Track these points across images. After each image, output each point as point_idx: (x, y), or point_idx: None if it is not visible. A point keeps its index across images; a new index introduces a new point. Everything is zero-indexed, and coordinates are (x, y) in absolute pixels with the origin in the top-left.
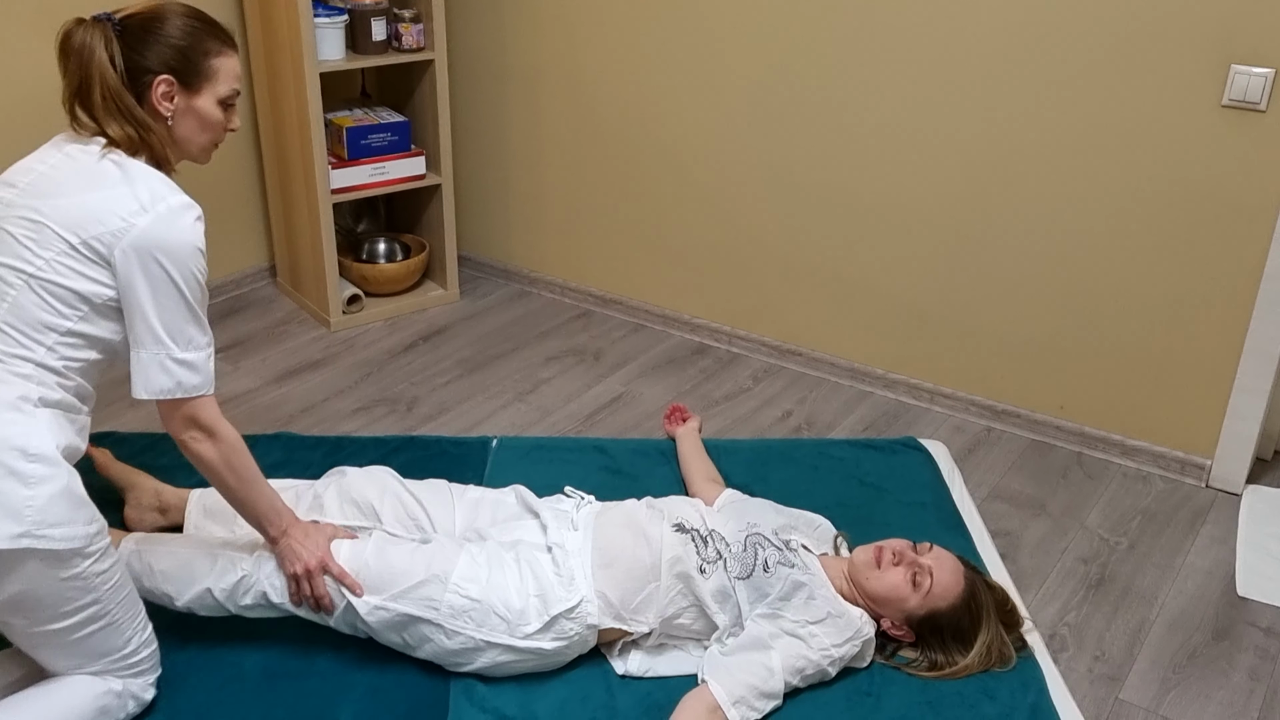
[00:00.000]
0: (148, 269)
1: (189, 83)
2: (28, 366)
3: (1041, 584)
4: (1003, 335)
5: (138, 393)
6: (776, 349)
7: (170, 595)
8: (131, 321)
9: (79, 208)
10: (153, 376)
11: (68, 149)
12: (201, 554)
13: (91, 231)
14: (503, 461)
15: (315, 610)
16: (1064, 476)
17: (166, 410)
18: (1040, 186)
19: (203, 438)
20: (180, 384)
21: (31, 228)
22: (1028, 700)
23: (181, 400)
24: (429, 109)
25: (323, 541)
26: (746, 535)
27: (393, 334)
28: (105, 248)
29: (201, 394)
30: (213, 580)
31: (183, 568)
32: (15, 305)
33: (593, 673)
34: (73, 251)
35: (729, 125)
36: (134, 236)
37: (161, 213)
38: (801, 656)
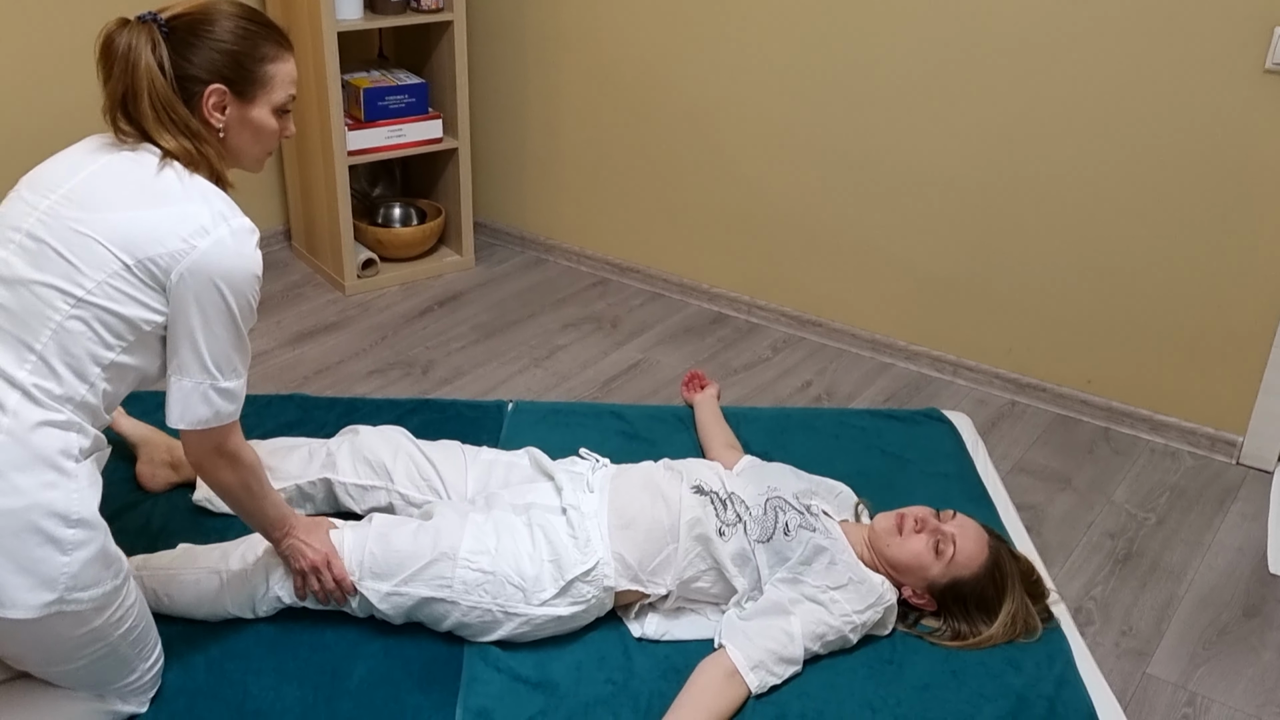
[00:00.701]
0: (204, 296)
1: (243, 91)
2: (68, 409)
3: (1067, 558)
4: (1029, 307)
5: (174, 422)
6: (796, 319)
7: (184, 614)
8: (176, 347)
9: (134, 224)
10: (193, 406)
11: (113, 157)
12: (206, 575)
13: (149, 252)
14: (518, 425)
15: (325, 603)
16: (1090, 451)
17: (195, 439)
18: (1071, 153)
19: (225, 465)
20: (218, 413)
21: (79, 243)
22: (1054, 672)
23: (212, 437)
24: (447, 71)
25: (325, 538)
26: (767, 499)
27: (408, 299)
28: (162, 271)
29: (234, 420)
30: (228, 600)
31: (189, 592)
32: (61, 334)
33: (609, 635)
34: (126, 273)
35: (750, 90)
36: (194, 260)
37: (224, 236)
38: (822, 622)
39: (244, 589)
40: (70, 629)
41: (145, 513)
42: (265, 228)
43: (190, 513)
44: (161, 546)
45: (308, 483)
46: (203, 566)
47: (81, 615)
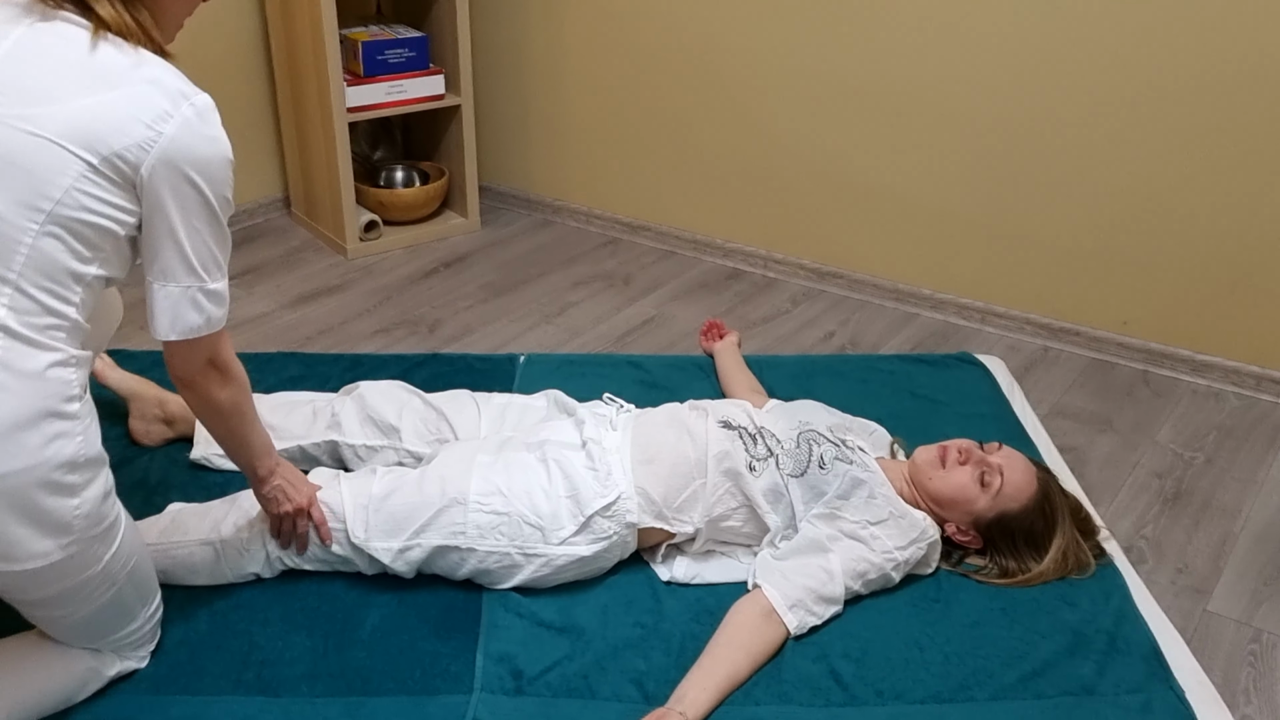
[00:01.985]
0: (181, 189)
1: None
2: (59, 337)
3: (1114, 498)
4: (1059, 248)
5: (164, 333)
6: (815, 271)
7: (181, 584)
8: (156, 250)
9: (90, 115)
10: (184, 314)
11: (26, 30)
12: (199, 548)
13: (113, 145)
14: (531, 377)
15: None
16: (1129, 394)
17: (184, 351)
18: (1099, 82)
19: (217, 380)
20: (210, 319)
21: (32, 146)
22: (1111, 607)
23: (203, 347)
24: (447, 24)
25: (308, 486)
26: (799, 432)
27: (412, 261)
28: (130, 166)
29: (222, 326)
30: (227, 569)
31: (182, 566)
32: (36, 255)
33: (636, 578)
34: (93, 174)
35: (761, 34)
36: (163, 148)
37: (190, 116)
38: (862, 559)
39: (242, 557)
40: (81, 569)
41: (142, 468)
42: (262, 196)
43: (187, 469)
44: (160, 502)
45: (312, 444)
46: (195, 539)
47: (94, 553)
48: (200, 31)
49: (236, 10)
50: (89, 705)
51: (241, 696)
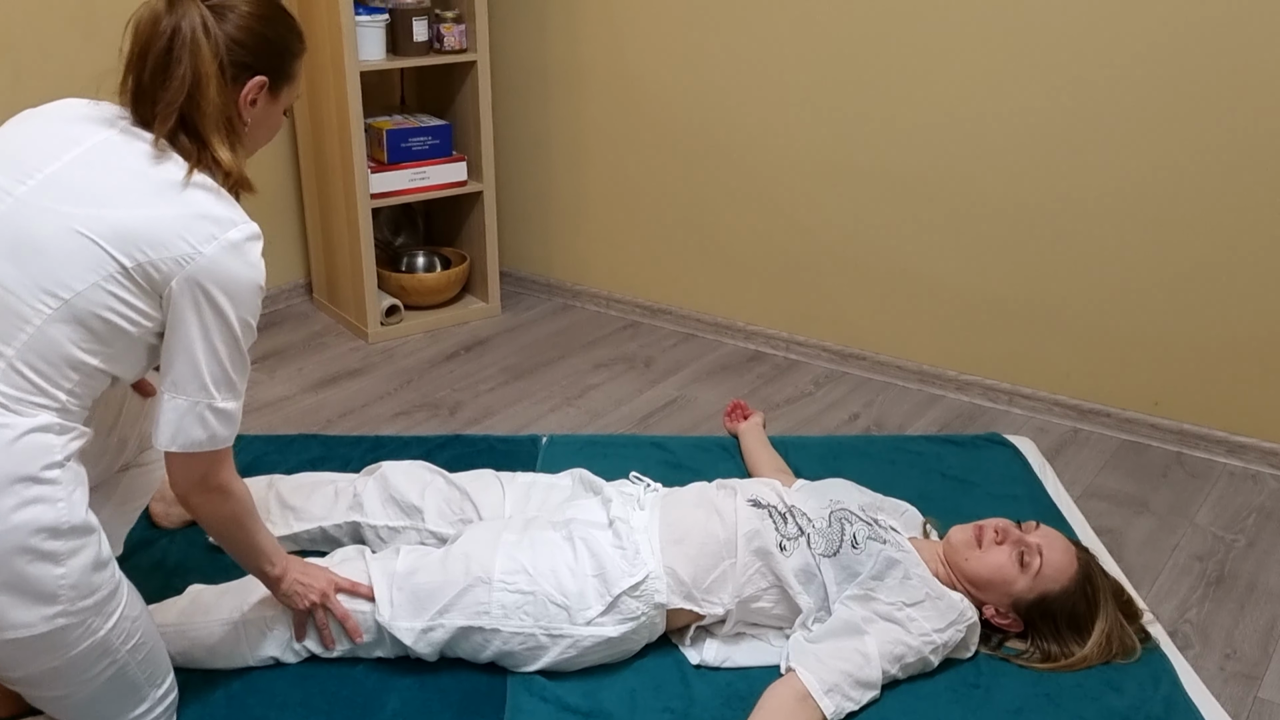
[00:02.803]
0: (202, 306)
1: (276, 86)
2: (48, 416)
3: (1155, 581)
4: (1086, 328)
5: (164, 444)
6: (838, 354)
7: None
8: (171, 361)
9: (137, 224)
10: (188, 428)
11: (103, 137)
12: (220, 627)
13: (150, 255)
14: (554, 457)
15: (330, 646)
16: (1164, 475)
17: (183, 464)
18: (1123, 161)
19: (216, 498)
20: (214, 436)
21: (72, 242)
22: (1160, 694)
23: (203, 465)
24: (470, 113)
25: (322, 574)
26: (831, 511)
27: (433, 344)
28: (162, 276)
29: (227, 446)
30: (248, 652)
31: (202, 647)
32: (39, 338)
33: (664, 661)
34: (123, 276)
35: (780, 119)
36: (197, 266)
37: (233, 241)
38: (900, 642)
39: (263, 638)
40: (76, 642)
41: (161, 550)
42: (285, 281)
43: (206, 550)
44: (178, 584)
45: (333, 525)
46: (216, 619)
47: (87, 626)
48: None
49: None
50: None
51: None
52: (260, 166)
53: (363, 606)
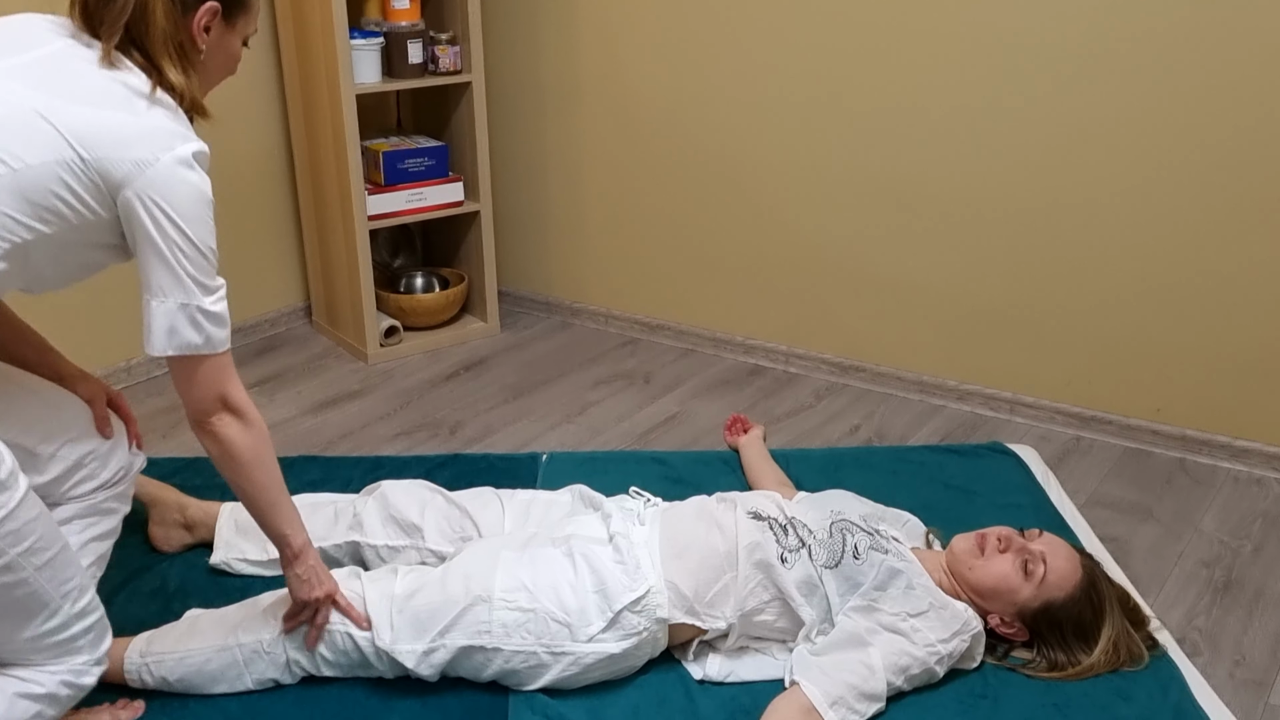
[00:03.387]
0: (161, 218)
1: (231, 15)
2: None
3: (1161, 588)
4: (1086, 336)
5: (160, 348)
6: (837, 365)
7: (199, 693)
8: (147, 270)
9: (99, 124)
10: (180, 329)
11: (71, 44)
12: (217, 653)
13: (106, 155)
14: (554, 475)
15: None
16: (1168, 482)
17: (195, 384)
18: (1122, 169)
19: (233, 421)
20: (210, 339)
21: (34, 123)
22: (1169, 701)
23: (210, 376)
24: (466, 134)
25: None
26: (832, 522)
27: (432, 365)
28: (110, 183)
29: (225, 350)
30: (248, 676)
31: (202, 673)
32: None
33: (667, 676)
34: (78, 165)
35: (775, 132)
36: (153, 176)
37: (185, 156)
38: (904, 653)
39: (261, 661)
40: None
41: (160, 574)
42: (285, 304)
43: (207, 574)
44: (178, 608)
45: (333, 545)
46: (213, 644)
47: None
48: (225, 143)
49: (261, 123)
50: None
51: None
52: (257, 189)
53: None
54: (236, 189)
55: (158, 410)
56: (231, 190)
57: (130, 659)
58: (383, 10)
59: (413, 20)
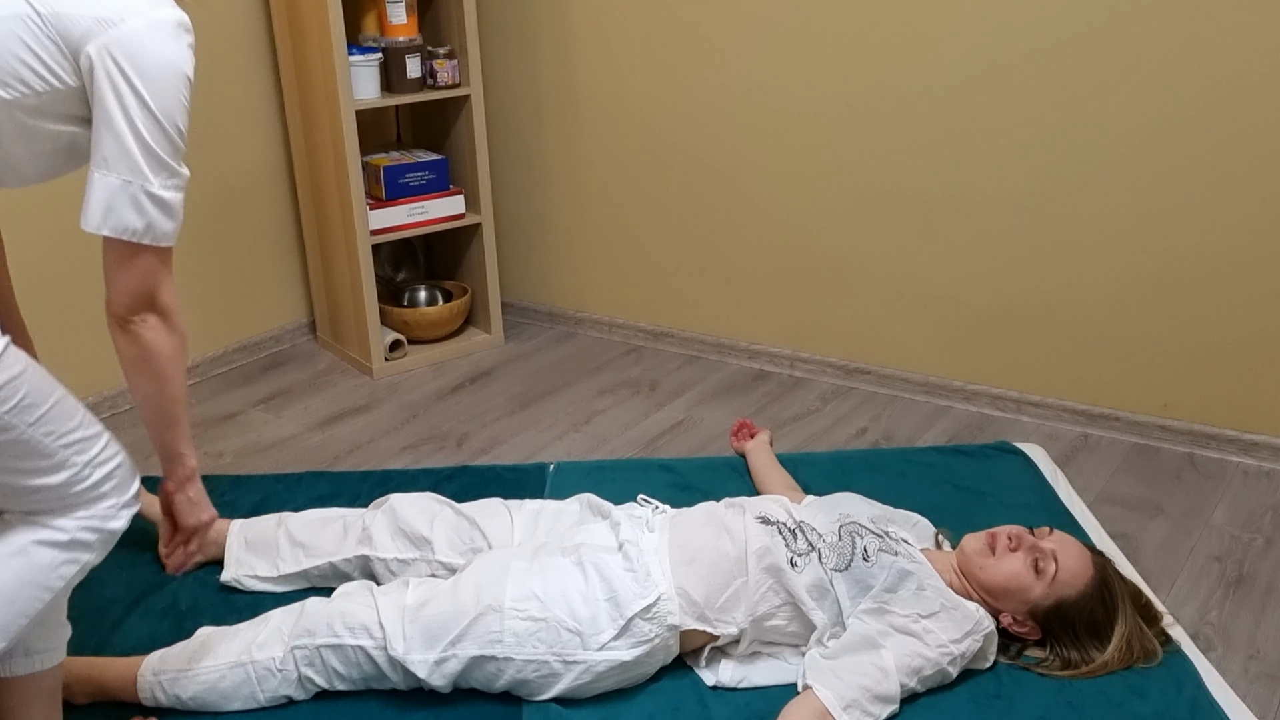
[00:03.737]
0: (122, 85)
1: None
2: None
3: (1173, 584)
4: (1091, 333)
5: (94, 224)
6: (843, 369)
7: (212, 711)
8: (99, 139)
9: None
10: (120, 208)
11: None
12: (230, 670)
13: (67, 8)
14: (561, 484)
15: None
16: (1177, 478)
17: (129, 283)
18: (1125, 164)
19: (158, 324)
20: (151, 226)
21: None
22: (1184, 697)
23: (145, 270)
24: (466, 147)
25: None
26: (841, 525)
27: (438, 378)
28: (78, 36)
29: (169, 245)
30: (260, 693)
31: (214, 691)
32: None
33: (680, 683)
34: (34, 20)
35: (774, 136)
36: (119, 34)
37: (162, 20)
38: (917, 655)
39: (274, 678)
40: None
41: (172, 593)
42: (289, 321)
43: (218, 591)
44: (190, 626)
45: (343, 559)
46: (225, 662)
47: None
48: (225, 161)
49: (261, 140)
50: None
51: None
52: (258, 207)
53: (372, 640)
54: (238, 206)
55: None
56: (233, 208)
57: (143, 677)
58: (380, 26)
59: (410, 35)
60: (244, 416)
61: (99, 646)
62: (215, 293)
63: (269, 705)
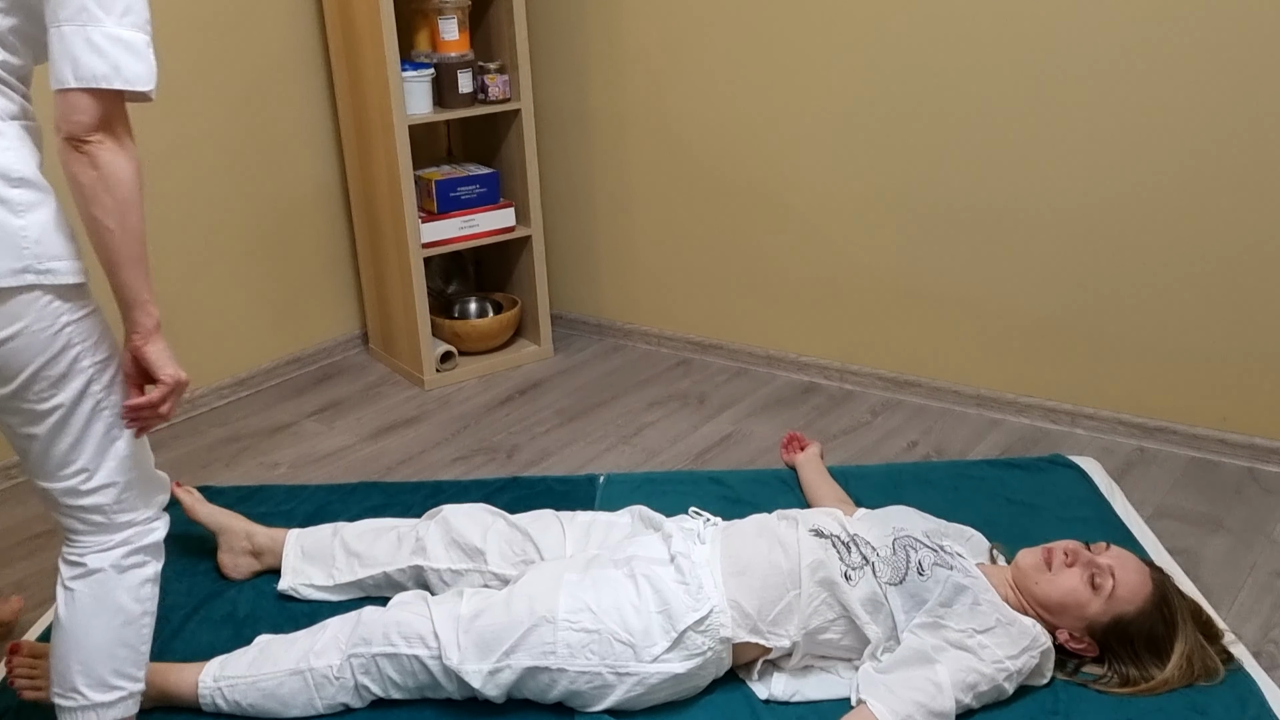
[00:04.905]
0: None
1: None
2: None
3: (1234, 600)
4: (1150, 345)
5: (63, 80)
6: (893, 381)
7: (273, 717)
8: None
9: None
10: (81, 57)
11: None
12: (289, 677)
13: None
14: (612, 496)
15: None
16: (1238, 492)
17: (86, 108)
18: (1178, 171)
19: (114, 145)
20: (119, 69)
21: None
22: (1248, 715)
23: (109, 108)
24: (516, 160)
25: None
26: (894, 538)
27: (488, 390)
28: None
29: (146, 89)
30: (318, 700)
31: (274, 698)
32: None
33: (732, 696)
34: None
35: (824, 150)
36: None
37: None
38: (972, 670)
39: (332, 685)
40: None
41: (230, 600)
42: (342, 333)
43: (275, 600)
44: (249, 634)
45: (397, 570)
46: (284, 669)
47: (62, 291)
48: (281, 177)
49: (316, 156)
50: None
51: None
52: (313, 221)
53: (428, 649)
54: (293, 221)
55: (220, 440)
56: (288, 222)
57: (204, 683)
58: (432, 42)
59: (462, 51)
60: (297, 428)
61: (159, 653)
62: (269, 306)
63: (327, 713)
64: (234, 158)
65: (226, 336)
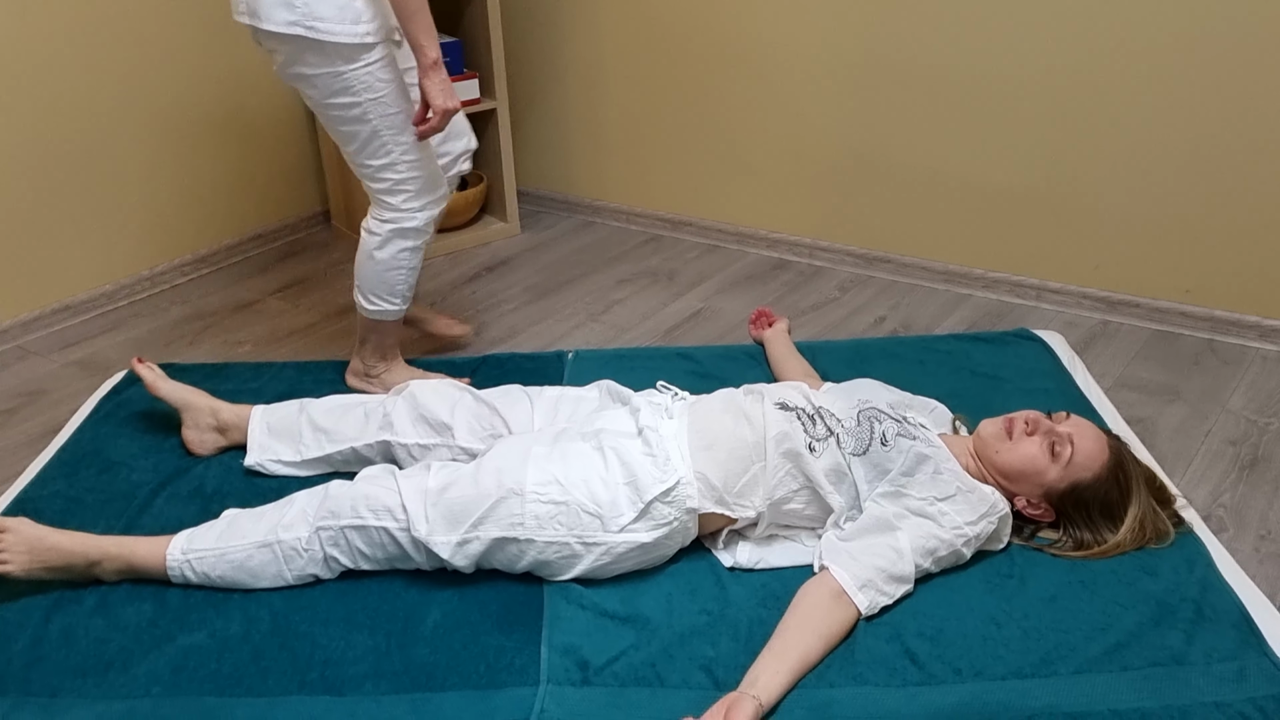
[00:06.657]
0: None
1: None
2: None
3: (1187, 467)
4: (1115, 219)
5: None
6: (863, 257)
7: (241, 589)
8: None
9: None
10: None
11: None
12: (258, 550)
13: None
14: (580, 372)
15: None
16: (1196, 363)
17: None
18: (1150, 43)
19: None
20: None
21: None
22: (1195, 576)
23: None
24: (480, 29)
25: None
26: (859, 410)
27: (454, 267)
28: None
29: None
30: (287, 571)
31: (243, 570)
32: None
33: (698, 565)
34: None
35: (795, 22)
36: None
37: None
38: (932, 536)
39: (300, 558)
40: (324, 64)
41: (197, 477)
42: (304, 210)
43: (242, 476)
44: (216, 509)
45: (365, 445)
46: (252, 541)
47: (324, 50)
48: (239, 48)
49: None
50: (156, 704)
51: (307, 696)
52: (271, 95)
53: (396, 521)
54: (254, 96)
55: (183, 318)
56: (250, 98)
57: (172, 555)
58: None
59: None
60: (262, 305)
61: (126, 528)
62: (229, 182)
63: (297, 583)
64: (195, 32)
65: (187, 213)
